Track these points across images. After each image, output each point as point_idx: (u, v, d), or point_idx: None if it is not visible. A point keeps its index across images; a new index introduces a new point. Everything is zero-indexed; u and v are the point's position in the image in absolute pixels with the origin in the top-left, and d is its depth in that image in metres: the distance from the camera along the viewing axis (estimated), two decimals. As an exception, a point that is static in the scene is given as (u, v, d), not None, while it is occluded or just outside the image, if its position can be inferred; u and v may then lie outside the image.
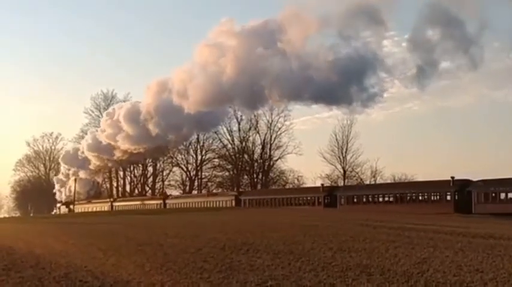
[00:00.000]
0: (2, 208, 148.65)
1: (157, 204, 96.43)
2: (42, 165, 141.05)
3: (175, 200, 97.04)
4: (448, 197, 57.62)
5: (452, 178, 57.12)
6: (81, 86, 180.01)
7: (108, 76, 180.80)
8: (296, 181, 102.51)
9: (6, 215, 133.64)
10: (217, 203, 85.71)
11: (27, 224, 51.98)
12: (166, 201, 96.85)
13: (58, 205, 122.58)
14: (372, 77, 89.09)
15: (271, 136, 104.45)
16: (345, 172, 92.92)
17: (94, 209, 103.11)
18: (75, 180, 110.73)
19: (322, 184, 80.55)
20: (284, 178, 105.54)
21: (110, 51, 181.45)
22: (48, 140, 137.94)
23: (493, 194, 54.87)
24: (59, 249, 22.92)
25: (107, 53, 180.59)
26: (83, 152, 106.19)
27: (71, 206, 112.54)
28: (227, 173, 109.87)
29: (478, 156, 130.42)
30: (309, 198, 73.16)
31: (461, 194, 55.03)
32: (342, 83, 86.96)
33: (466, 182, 56.89)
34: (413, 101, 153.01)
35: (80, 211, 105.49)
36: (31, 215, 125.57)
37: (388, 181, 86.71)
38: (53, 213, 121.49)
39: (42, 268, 17.05)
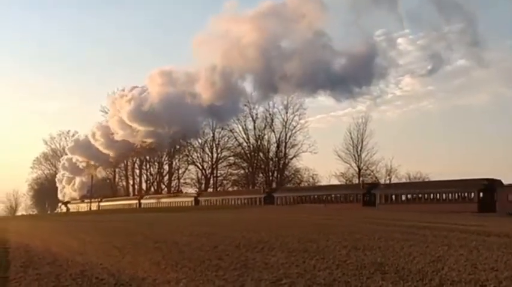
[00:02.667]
0: (20, 206, 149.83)
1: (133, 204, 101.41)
2: (59, 163, 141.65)
3: (149, 200, 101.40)
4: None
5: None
6: (98, 84, 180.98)
7: (124, 74, 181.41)
8: (311, 179, 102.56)
9: (24, 213, 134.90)
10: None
11: (45, 222, 52.44)
12: (142, 201, 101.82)
13: (60, 203, 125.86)
14: (384, 66, 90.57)
15: (286, 134, 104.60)
16: (359, 170, 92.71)
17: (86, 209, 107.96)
18: (92, 177, 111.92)
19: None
20: (299, 176, 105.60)
21: (125, 49, 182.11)
22: (65, 138, 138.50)
23: (392, 196, 63.48)
24: (75, 246, 23.13)
25: (123, 51, 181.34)
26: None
27: (69, 205, 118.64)
28: (242, 171, 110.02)
29: (494, 154, 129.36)
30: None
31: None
32: (356, 71, 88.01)
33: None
34: (428, 99, 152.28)
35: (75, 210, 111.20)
36: (48, 212, 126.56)
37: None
38: (55, 211, 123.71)
39: (59, 265, 17.24)
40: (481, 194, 56.10)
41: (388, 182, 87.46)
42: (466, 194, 57.70)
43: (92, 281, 14.20)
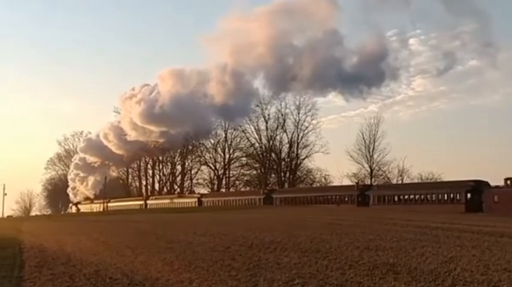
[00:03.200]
0: (34, 206, 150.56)
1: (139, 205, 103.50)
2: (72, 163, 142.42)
3: (154, 201, 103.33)
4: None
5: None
6: (113, 84, 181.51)
7: (138, 75, 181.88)
8: (323, 180, 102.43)
9: (38, 213, 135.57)
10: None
11: (58, 222, 52.74)
12: (147, 201, 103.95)
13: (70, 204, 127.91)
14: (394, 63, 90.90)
15: (298, 135, 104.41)
16: (372, 170, 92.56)
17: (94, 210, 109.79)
18: (106, 178, 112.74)
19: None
20: (311, 177, 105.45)
21: (138, 50, 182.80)
22: (79, 139, 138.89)
23: (385, 197, 65.64)
24: (89, 247, 23.31)
25: (136, 51, 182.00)
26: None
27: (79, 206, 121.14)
28: (255, 172, 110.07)
29: (506, 154, 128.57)
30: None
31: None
32: (367, 71, 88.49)
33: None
34: (440, 99, 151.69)
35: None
36: (62, 213, 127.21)
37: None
38: (66, 212, 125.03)
39: (73, 265, 17.40)
40: (469, 195, 57.56)
41: (387, 182, 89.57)
42: (454, 195, 59.21)
43: (105, 281, 14.32)
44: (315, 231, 26.75)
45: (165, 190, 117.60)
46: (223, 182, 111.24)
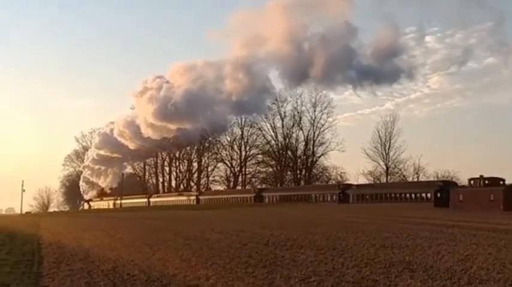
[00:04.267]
0: (52, 203, 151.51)
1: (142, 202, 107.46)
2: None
3: (156, 199, 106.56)
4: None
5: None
6: (131, 82, 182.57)
7: (154, 72, 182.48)
8: (339, 177, 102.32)
9: (56, 210, 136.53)
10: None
11: (76, 218, 53.11)
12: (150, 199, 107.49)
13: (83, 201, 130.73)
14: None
15: (314, 133, 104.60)
16: (387, 168, 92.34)
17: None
18: (123, 174, 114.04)
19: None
20: (327, 174, 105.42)
21: (154, 48, 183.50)
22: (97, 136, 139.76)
23: (363, 195, 70.98)
24: (107, 243, 23.48)
25: (153, 50, 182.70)
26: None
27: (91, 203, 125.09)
28: (271, 169, 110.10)
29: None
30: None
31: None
32: (382, 68, 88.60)
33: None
34: (455, 97, 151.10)
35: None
36: (80, 209, 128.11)
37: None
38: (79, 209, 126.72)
39: (91, 262, 17.54)
40: (438, 194, 61.37)
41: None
42: (424, 194, 63.59)
43: (123, 278, 14.42)
44: (330, 228, 26.82)
45: (181, 187, 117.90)
46: (240, 179, 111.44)
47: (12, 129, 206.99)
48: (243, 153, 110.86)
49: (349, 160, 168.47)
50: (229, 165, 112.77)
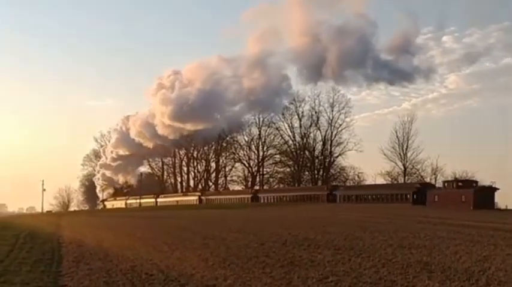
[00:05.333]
0: (72, 202, 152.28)
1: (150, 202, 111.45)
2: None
3: (163, 199, 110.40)
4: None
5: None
6: (150, 81, 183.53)
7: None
8: (357, 178, 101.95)
9: (76, 209, 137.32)
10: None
11: (95, 218, 53.41)
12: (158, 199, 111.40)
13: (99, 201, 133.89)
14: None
15: (331, 133, 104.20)
16: (405, 169, 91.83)
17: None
18: (141, 174, 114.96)
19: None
20: (344, 174, 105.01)
21: (173, 47, 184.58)
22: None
23: (349, 196, 76.18)
24: (126, 242, 23.63)
25: (172, 48, 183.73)
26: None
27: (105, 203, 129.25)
28: (288, 169, 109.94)
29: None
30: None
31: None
32: (399, 67, 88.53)
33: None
34: (472, 97, 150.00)
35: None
36: (100, 208, 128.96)
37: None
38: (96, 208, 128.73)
39: (110, 261, 17.67)
40: (415, 195, 66.67)
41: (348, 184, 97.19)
42: (404, 195, 68.31)
43: (141, 277, 14.51)
44: (348, 228, 26.79)
45: (199, 186, 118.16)
46: (257, 179, 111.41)
47: (33, 129, 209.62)
48: (261, 153, 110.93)
49: (366, 160, 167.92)
50: (247, 165, 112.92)
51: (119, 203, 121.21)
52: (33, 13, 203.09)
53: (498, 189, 60.78)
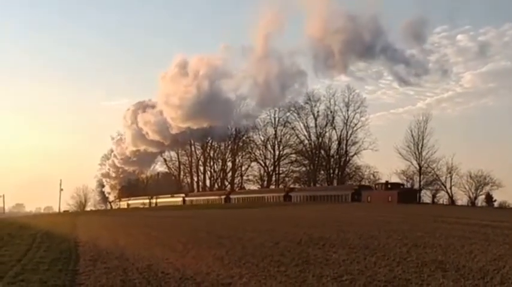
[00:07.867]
0: (89, 201, 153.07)
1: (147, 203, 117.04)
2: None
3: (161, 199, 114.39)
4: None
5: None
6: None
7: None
8: (372, 177, 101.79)
9: (93, 208, 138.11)
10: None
11: (112, 217, 53.75)
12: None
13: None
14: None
15: (347, 132, 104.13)
16: (420, 168, 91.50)
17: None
18: (158, 173, 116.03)
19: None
20: (360, 174, 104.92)
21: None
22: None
23: (302, 196, 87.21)
24: (142, 241, 23.81)
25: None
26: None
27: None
28: (304, 169, 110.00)
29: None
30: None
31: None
32: (414, 66, 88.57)
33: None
34: (488, 96, 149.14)
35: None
36: (117, 208, 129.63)
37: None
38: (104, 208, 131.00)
39: (126, 259, 17.84)
40: (355, 196, 77.68)
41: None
42: (344, 195, 79.45)
43: (157, 276, 14.64)
44: (363, 227, 26.78)
45: (216, 186, 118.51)
46: (273, 178, 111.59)
47: (51, 129, 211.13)
48: (277, 152, 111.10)
49: (382, 159, 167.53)
50: (263, 164, 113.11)
51: (137, 203, 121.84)
52: (49, 13, 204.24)
53: (421, 190, 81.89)
